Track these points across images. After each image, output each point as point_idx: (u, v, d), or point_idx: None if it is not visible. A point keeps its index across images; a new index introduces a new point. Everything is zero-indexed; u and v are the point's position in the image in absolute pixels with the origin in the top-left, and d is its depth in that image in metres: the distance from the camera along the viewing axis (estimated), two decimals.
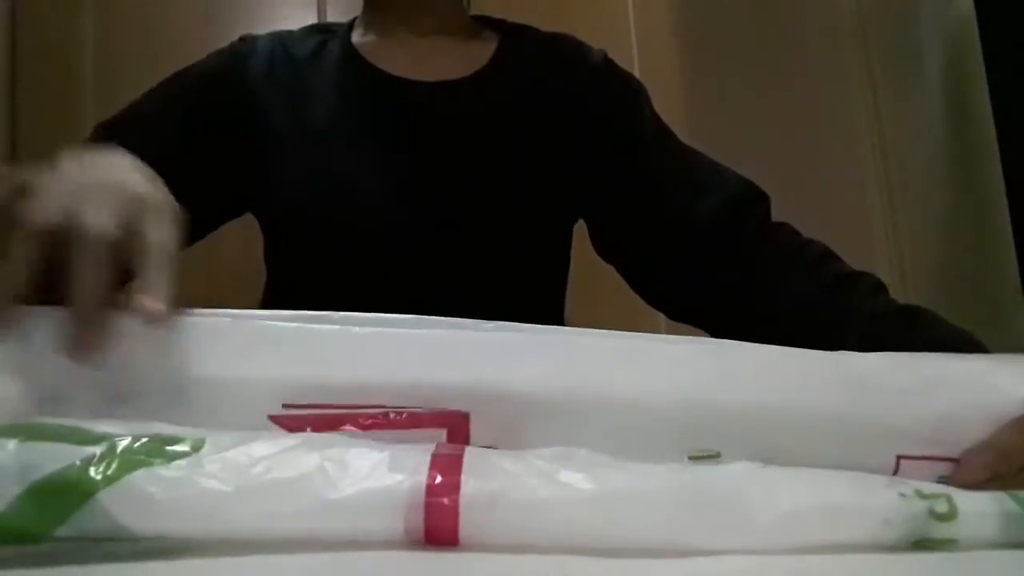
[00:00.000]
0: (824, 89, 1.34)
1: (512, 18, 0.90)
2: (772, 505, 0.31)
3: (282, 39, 0.82)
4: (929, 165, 1.26)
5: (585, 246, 0.88)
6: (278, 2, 1.36)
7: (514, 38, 0.86)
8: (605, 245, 0.85)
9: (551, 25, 0.91)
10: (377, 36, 0.83)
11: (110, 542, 0.28)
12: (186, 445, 0.30)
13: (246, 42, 0.82)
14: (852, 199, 1.32)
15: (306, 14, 1.33)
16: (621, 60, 0.90)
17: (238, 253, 1.04)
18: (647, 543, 0.30)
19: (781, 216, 0.79)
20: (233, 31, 0.85)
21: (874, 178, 1.32)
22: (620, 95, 0.85)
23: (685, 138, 0.86)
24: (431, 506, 0.29)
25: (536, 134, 0.81)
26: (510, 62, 0.83)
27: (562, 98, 0.83)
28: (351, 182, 0.76)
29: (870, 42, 1.34)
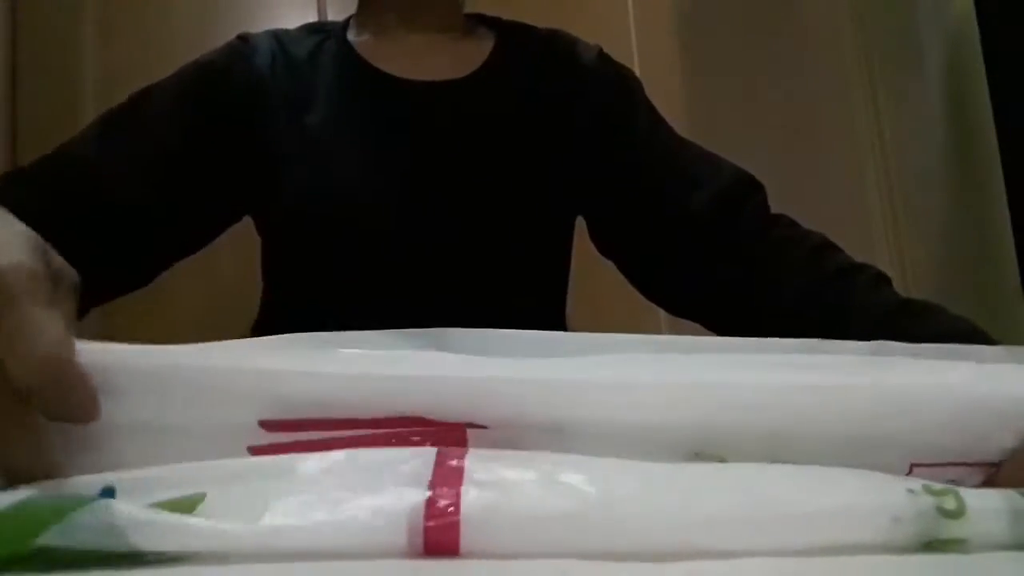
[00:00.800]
0: (824, 89, 1.34)
1: (511, 17, 0.90)
2: (780, 505, 0.30)
3: (280, 38, 0.82)
4: (929, 165, 1.26)
5: (585, 245, 0.88)
6: (278, 2, 1.35)
7: (510, 36, 0.86)
8: (604, 241, 0.85)
9: (551, 25, 0.91)
10: (373, 36, 0.83)
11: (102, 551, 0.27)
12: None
13: (245, 40, 0.82)
14: (852, 199, 1.32)
15: (306, 14, 1.33)
16: (621, 59, 0.90)
17: (235, 271, 1.04)
18: (653, 546, 0.29)
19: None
20: (233, 31, 0.84)
21: (874, 178, 1.32)
22: (616, 90, 0.86)
23: (685, 136, 0.86)
24: (430, 529, 0.28)
25: (535, 132, 0.81)
26: (508, 61, 0.83)
27: (560, 95, 0.83)
28: (351, 182, 0.76)
29: (870, 42, 1.34)
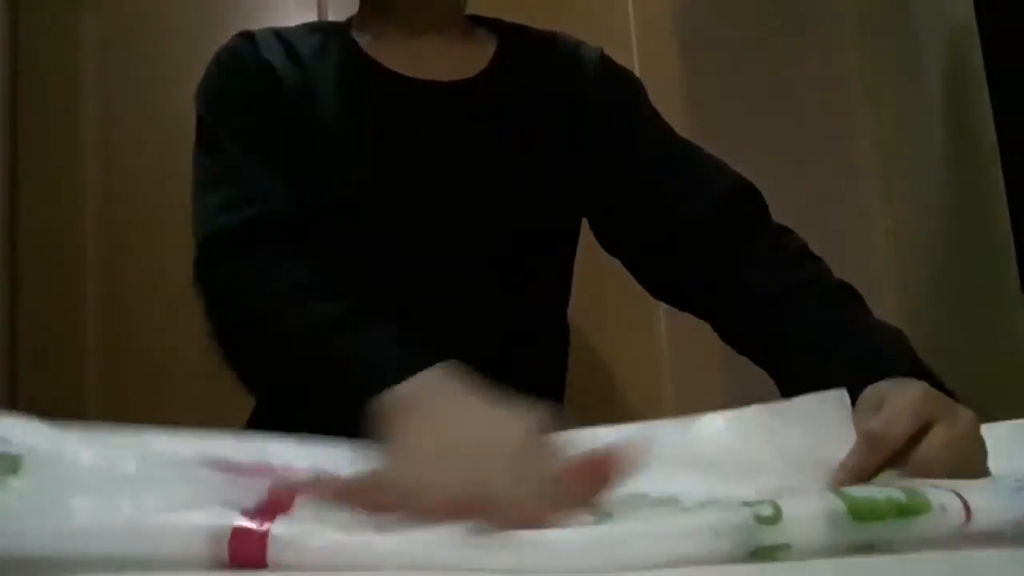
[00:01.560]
0: (824, 89, 1.34)
1: (512, 18, 0.90)
2: (596, 529, 0.32)
3: (283, 35, 0.82)
4: (929, 165, 1.26)
5: (585, 244, 0.88)
6: (278, 2, 1.35)
7: (512, 38, 0.86)
8: (608, 240, 0.87)
9: (552, 25, 0.91)
10: (374, 37, 0.83)
11: None
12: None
13: (248, 36, 0.82)
14: (852, 199, 1.32)
15: (306, 14, 1.32)
16: (621, 59, 0.90)
17: None
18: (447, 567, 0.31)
19: (782, 215, 0.80)
20: (233, 31, 0.84)
21: (874, 178, 1.32)
22: (619, 92, 0.86)
23: (685, 136, 0.86)
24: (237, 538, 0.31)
25: (539, 133, 0.81)
26: (512, 62, 0.84)
27: (563, 97, 0.83)
28: (360, 178, 0.76)
29: (870, 43, 1.34)
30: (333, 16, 1.27)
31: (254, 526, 0.31)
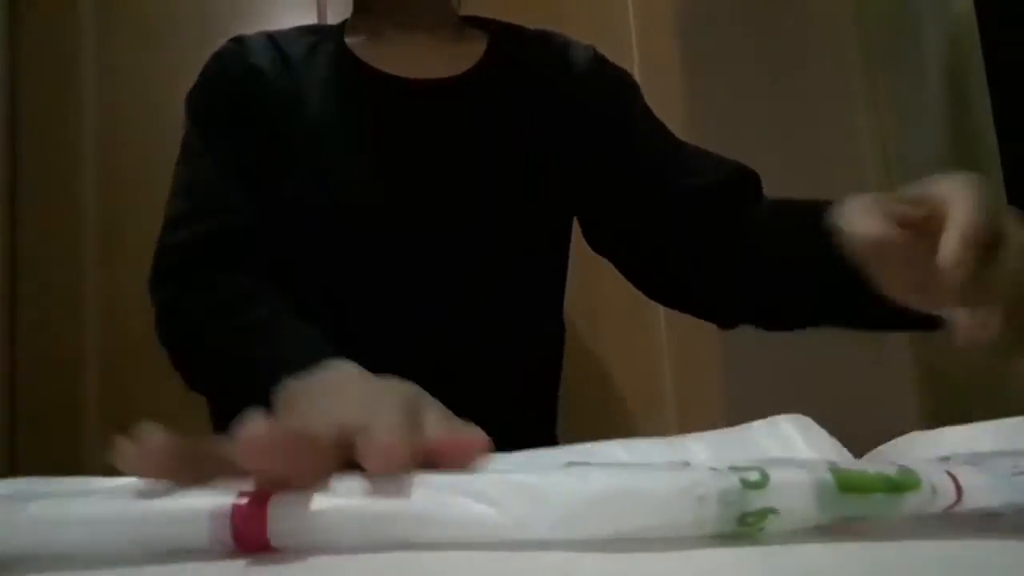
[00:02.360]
0: (824, 89, 1.34)
1: (513, 18, 0.90)
2: (578, 493, 0.31)
3: (275, 38, 0.83)
4: (929, 165, 1.26)
5: (586, 245, 0.88)
6: (278, 2, 1.35)
7: (503, 37, 0.86)
8: (599, 239, 0.86)
9: (552, 25, 0.91)
10: (367, 37, 0.84)
11: None
12: None
13: (239, 42, 0.82)
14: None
15: (306, 14, 1.33)
16: (621, 59, 0.90)
17: None
18: (414, 536, 0.31)
19: None
20: (233, 31, 0.85)
21: (874, 178, 1.32)
22: (611, 91, 0.86)
23: (685, 137, 0.86)
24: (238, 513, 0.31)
25: (528, 132, 0.81)
26: (501, 60, 0.84)
27: (553, 96, 0.83)
28: (348, 181, 0.76)
29: (871, 42, 1.34)
30: (332, 16, 1.27)
31: (253, 502, 0.32)
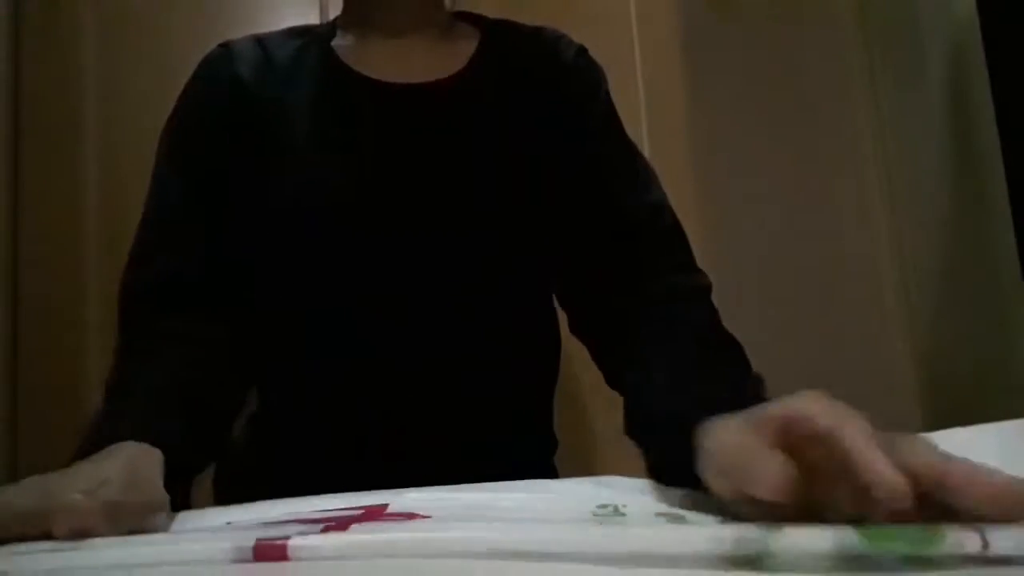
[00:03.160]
0: (824, 90, 1.34)
1: (514, 18, 0.89)
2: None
3: (263, 42, 0.82)
4: (930, 165, 1.26)
5: None
6: (278, 2, 1.35)
7: (495, 36, 0.85)
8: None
9: (553, 25, 0.90)
10: (356, 39, 0.83)
11: None
12: None
13: (226, 47, 0.81)
14: (853, 199, 1.31)
15: (306, 15, 1.33)
16: (623, 61, 0.90)
17: None
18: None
19: (783, 214, 0.79)
20: (233, 31, 0.84)
21: (875, 178, 1.32)
22: (580, 85, 0.84)
23: (686, 138, 0.85)
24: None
25: (516, 133, 0.79)
26: (489, 61, 0.82)
27: (538, 96, 0.82)
28: (333, 188, 0.75)
29: (871, 42, 1.34)
30: (334, 15, 1.27)
31: (275, 538, 0.34)
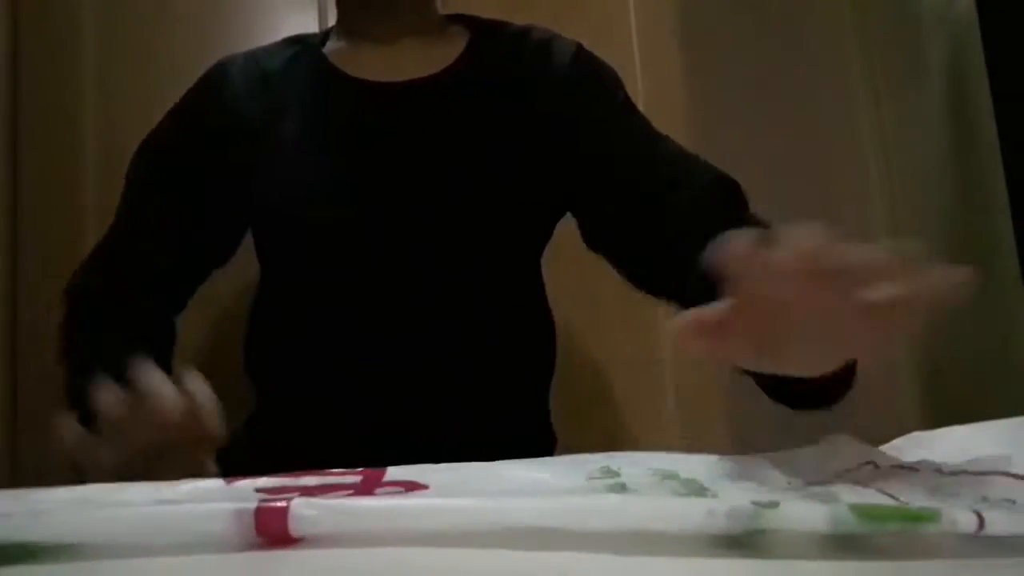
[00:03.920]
0: (826, 89, 1.34)
1: (514, 18, 0.89)
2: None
3: (256, 57, 0.84)
4: (931, 165, 1.26)
5: (585, 248, 0.88)
6: (278, 2, 1.35)
7: (485, 35, 0.85)
8: (589, 237, 0.85)
9: (553, 26, 0.91)
10: (348, 42, 0.84)
11: None
12: None
13: (221, 66, 0.84)
14: (853, 198, 1.32)
15: (306, 14, 1.33)
16: (623, 59, 0.90)
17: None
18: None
19: (783, 214, 0.79)
20: (233, 31, 0.85)
21: (876, 178, 1.32)
22: (592, 85, 0.84)
23: (686, 138, 0.85)
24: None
25: (506, 130, 0.80)
26: (479, 59, 0.83)
27: (531, 91, 0.82)
28: (325, 189, 0.76)
29: (871, 42, 1.34)
30: (333, 17, 1.27)
31: (276, 502, 0.32)
